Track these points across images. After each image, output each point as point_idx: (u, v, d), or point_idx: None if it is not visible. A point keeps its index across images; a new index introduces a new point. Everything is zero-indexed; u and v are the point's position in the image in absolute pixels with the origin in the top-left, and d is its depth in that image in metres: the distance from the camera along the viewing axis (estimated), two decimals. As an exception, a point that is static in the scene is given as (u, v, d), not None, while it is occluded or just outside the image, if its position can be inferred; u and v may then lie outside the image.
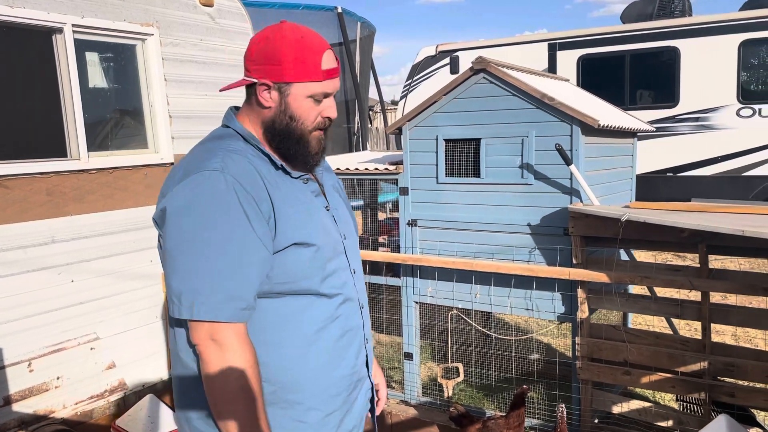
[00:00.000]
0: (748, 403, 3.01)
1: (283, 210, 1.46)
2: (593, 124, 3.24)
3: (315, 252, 1.50)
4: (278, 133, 1.53)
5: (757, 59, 8.70)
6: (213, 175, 1.39)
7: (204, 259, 1.35)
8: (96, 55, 3.48)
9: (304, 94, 1.51)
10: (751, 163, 8.74)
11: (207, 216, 1.37)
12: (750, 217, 2.80)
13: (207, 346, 1.37)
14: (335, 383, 1.57)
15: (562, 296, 3.42)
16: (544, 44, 9.84)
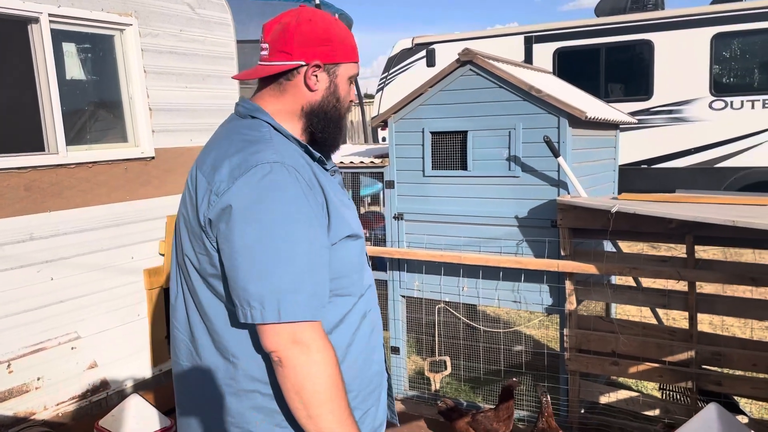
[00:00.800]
0: (735, 391, 3.06)
1: (332, 201, 1.40)
2: (580, 116, 3.25)
3: (361, 243, 1.49)
4: (325, 117, 1.48)
5: (728, 52, 8.84)
6: (276, 167, 1.31)
7: (284, 259, 1.28)
8: (73, 46, 3.38)
9: (346, 75, 1.49)
10: (724, 154, 8.89)
11: (279, 212, 1.28)
12: (737, 207, 2.83)
13: (290, 349, 1.28)
14: (371, 380, 1.54)
15: (550, 288, 3.43)
16: (520, 37, 9.88)
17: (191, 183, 1.45)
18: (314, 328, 1.30)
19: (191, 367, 1.47)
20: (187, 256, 1.43)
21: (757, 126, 8.67)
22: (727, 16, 8.69)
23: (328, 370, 1.30)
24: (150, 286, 3.62)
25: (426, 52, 11.21)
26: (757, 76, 8.73)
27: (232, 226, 1.29)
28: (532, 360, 3.93)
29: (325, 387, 1.29)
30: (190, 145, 3.86)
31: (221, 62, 4.07)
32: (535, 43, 9.71)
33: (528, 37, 9.77)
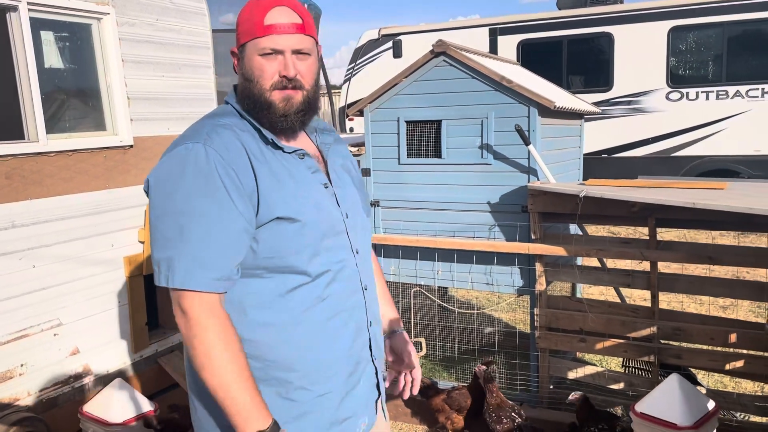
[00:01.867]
0: (693, 364, 3.26)
1: (268, 184, 1.45)
2: (549, 105, 3.40)
3: (301, 227, 1.48)
4: (245, 99, 1.53)
5: (684, 45, 9.17)
6: (195, 147, 1.42)
7: (180, 229, 1.38)
8: (51, 34, 3.38)
9: (253, 53, 1.50)
10: (680, 143, 9.23)
11: (185, 187, 1.39)
12: (694, 191, 3.02)
13: (178, 316, 1.40)
14: (328, 364, 1.55)
15: (521, 270, 3.59)
16: (485, 29, 10.05)
17: None
18: (200, 299, 1.38)
19: None
20: None
21: (711, 116, 9.03)
22: (682, 10, 9.00)
23: (214, 339, 1.37)
24: (130, 273, 3.66)
25: (393, 43, 11.31)
26: (711, 69, 9.07)
27: (149, 197, 1.46)
28: (503, 340, 4.10)
29: (212, 352, 1.36)
30: (167, 133, 3.89)
31: (197, 51, 4.11)
32: (500, 35, 9.90)
33: (493, 29, 9.95)
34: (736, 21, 8.77)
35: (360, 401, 1.64)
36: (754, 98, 8.75)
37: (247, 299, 1.47)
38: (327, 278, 1.54)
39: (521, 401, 3.66)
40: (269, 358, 1.49)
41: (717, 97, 8.94)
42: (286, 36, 1.48)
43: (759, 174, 8.89)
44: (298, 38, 1.50)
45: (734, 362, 3.07)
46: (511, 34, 9.84)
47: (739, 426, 3.13)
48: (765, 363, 2.98)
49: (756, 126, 8.77)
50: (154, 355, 3.86)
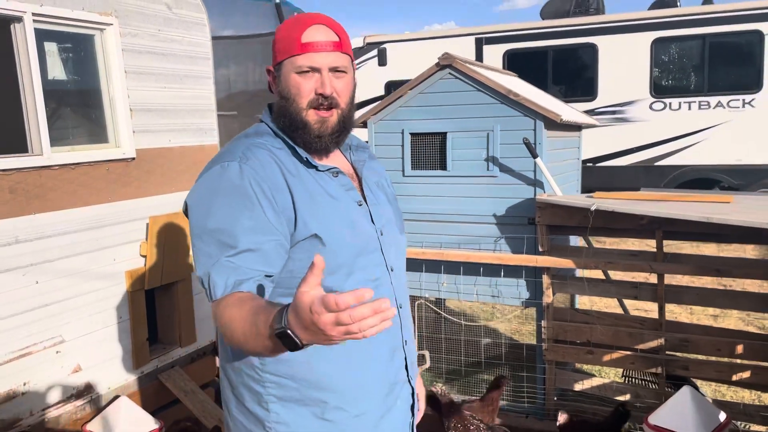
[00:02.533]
0: (700, 375, 3.30)
1: (304, 201, 1.45)
2: (556, 119, 3.43)
3: (336, 246, 1.48)
4: (281, 118, 1.53)
5: (667, 56, 9.33)
6: (231, 165, 1.43)
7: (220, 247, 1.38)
8: (55, 45, 3.32)
9: (290, 71, 1.49)
10: (663, 153, 9.38)
11: (221, 204, 1.40)
12: (702, 205, 3.06)
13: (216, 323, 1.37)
14: (364, 384, 1.54)
15: (527, 282, 3.60)
16: (471, 38, 10.12)
17: None
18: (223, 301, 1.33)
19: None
20: None
21: (693, 126, 9.19)
22: (665, 22, 9.16)
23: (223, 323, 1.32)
24: (132, 288, 3.59)
25: (377, 51, 11.33)
26: (693, 79, 9.24)
27: (189, 217, 1.47)
28: (508, 352, 4.11)
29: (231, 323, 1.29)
30: (169, 145, 3.84)
31: (198, 62, 4.06)
32: (486, 44, 9.98)
33: (479, 38, 10.03)
34: (716, 33, 8.95)
35: (397, 423, 1.62)
36: (735, 109, 8.93)
37: None
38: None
39: (527, 414, 3.67)
40: (306, 378, 1.47)
41: (699, 107, 9.10)
42: (323, 54, 1.48)
43: (740, 183, 9.07)
44: (335, 56, 1.50)
45: (740, 373, 3.11)
46: (497, 43, 9.92)
47: (746, 436, 3.17)
48: (772, 374, 3.03)
49: (737, 136, 8.94)
50: (154, 371, 3.79)
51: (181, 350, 3.98)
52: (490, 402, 3.28)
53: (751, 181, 9.07)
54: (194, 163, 4.03)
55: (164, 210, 3.78)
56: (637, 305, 5.60)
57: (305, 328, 1.05)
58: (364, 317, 1.00)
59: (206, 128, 4.14)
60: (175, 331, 3.95)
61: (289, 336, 1.08)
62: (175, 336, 3.96)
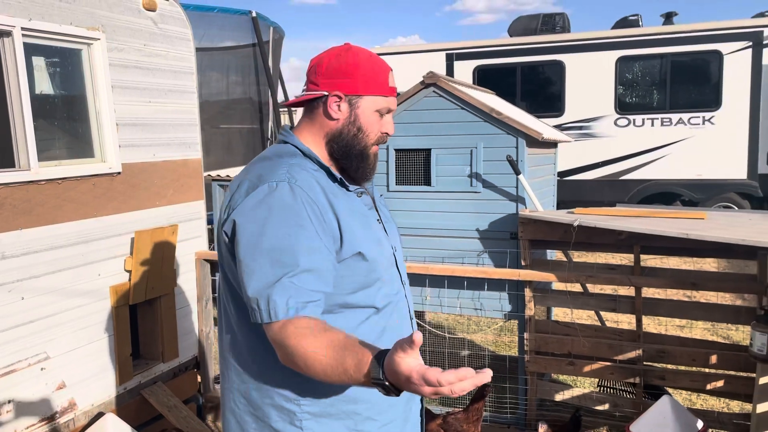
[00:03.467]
0: (676, 384, 3.43)
1: (346, 220, 1.52)
2: (537, 137, 3.54)
3: (372, 262, 1.56)
4: (344, 145, 1.59)
5: (631, 74, 9.65)
6: (281, 185, 1.46)
7: (280, 266, 1.39)
8: (42, 60, 3.30)
9: (372, 108, 1.59)
10: (627, 168, 9.67)
11: (276, 223, 1.42)
12: (678, 221, 3.20)
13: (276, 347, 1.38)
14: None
15: (509, 296, 3.70)
16: (442, 54, 10.30)
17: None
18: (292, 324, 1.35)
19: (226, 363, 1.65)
20: (220, 261, 1.59)
21: (656, 142, 9.51)
22: (629, 41, 9.48)
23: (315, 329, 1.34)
24: (116, 303, 3.57)
25: (349, 65, 11.41)
26: (655, 97, 9.57)
27: (237, 237, 1.45)
28: (490, 364, 4.19)
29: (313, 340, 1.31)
30: (153, 159, 3.84)
31: (182, 77, 4.07)
32: (456, 60, 10.16)
33: (450, 53, 10.21)
34: (678, 52, 9.30)
35: (415, 428, 1.73)
36: (695, 125, 9.27)
37: None
38: (389, 310, 1.62)
39: (509, 424, 3.75)
40: (339, 391, 1.52)
41: (662, 123, 9.43)
42: (396, 100, 1.67)
43: (700, 197, 9.40)
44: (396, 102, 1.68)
45: (714, 382, 3.25)
46: (467, 59, 10.12)
47: (720, 443, 3.30)
48: (744, 382, 3.17)
49: (698, 152, 9.28)
50: (137, 387, 3.77)
51: (163, 365, 3.95)
52: (475, 412, 3.35)
53: (710, 195, 9.42)
54: (178, 178, 4.03)
55: (149, 224, 3.77)
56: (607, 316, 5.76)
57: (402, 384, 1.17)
58: (464, 390, 1.12)
59: (190, 142, 4.15)
60: (158, 346, 3.93)
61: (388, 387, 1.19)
62: (158, 351, 3.94)
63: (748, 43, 8.96)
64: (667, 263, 6.11)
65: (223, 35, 7.05)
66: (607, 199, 9.73)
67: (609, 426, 3.63)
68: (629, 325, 5.22)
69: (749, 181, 9.17)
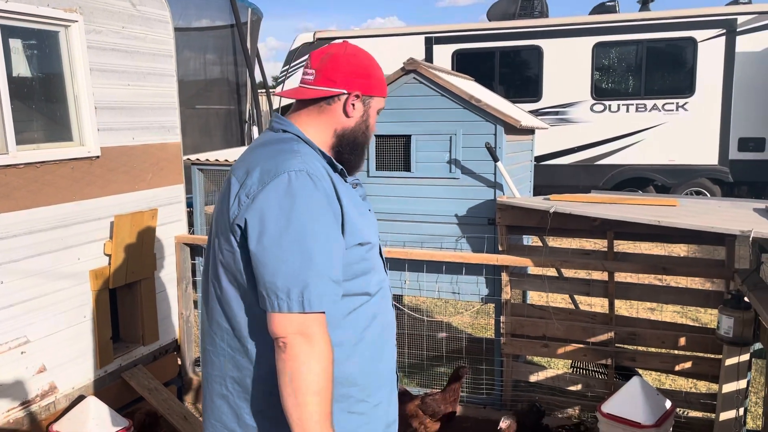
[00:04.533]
0: (647, 366, 3.55)
1: (349, 210, 1.56)
2: (516, 124, 3.60)
3: (368, 250, 1.62)
4: (355, 142, 1.67)
5: (607, 60, 9.75)
6: (300, 175, 1.48)
7: (308, 256, 1.43)
8: (19, 42, 3.25)
9: (377, 108, 1.70)
10: (602, 153, 9.80)
11: (304, 213, 1.44)
12: (651, 208, 3.29)
13: (296, 338, 1.42)
14: (379, 376, 1.67)
15: (486, 280, 3.77)
16: (421, 37, 10.29)
17: (225, 188, 1.60)
18: (321, 321, 1.45)
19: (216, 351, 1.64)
20: (218, 251, 1.59)
21: (630, 127, 9.65)
22: (606, 27, 9.56)
23: (323, 363, 1.43)
24: (96, 287, 3.57)
25: (327, 48, 11.35)
26: (631, 83, 9.69)
27: (261, 226, 1.45)
28: (467, 346, 4.28)
29: (318, 378, 1.42)
30: (132, 143, 3.82)
31: (161, 60, 4.05)
32: (435, 44, 10.16)
33: (429, 37, 10.20)
34: (653, 39, 9.41)
35: (396, 408, 1.79)
36: (669, 111, 9.42)
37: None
38: (379, 296, 1.68)
39: (484, 404, 3.84)
40: (335, 376, 1.53)
41: (636, 109, 9.56)
42: None
43: (673, 182, 9.58)
44: None
45: (683, 363, 3.37)
46: (446, 43, 10.12)
47: (687, 422, 3.43)
48: (711, 364, 3.29)
49: (671, 137, 9.44)
50: (117, 370, 3.78)
51: (144, 348, 3.97)
52: (452, 393, 3.43)
53: (683, 180, 9.60)
54: (157, 161, 4.02)
55: (128, 208, 3.77)
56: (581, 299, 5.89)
57: None
58: None
59: (169, 126, 4.14)
60: (138, 329, 3.95)
61: None
62: (138, 334, 3.95)
63: (722, 30, 9.10)
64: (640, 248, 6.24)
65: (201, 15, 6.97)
66: (582, 183, 9.86)
67: (581, 406, 3.74)
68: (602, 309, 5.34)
69: (720, 166, 9.36)
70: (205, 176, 4.18)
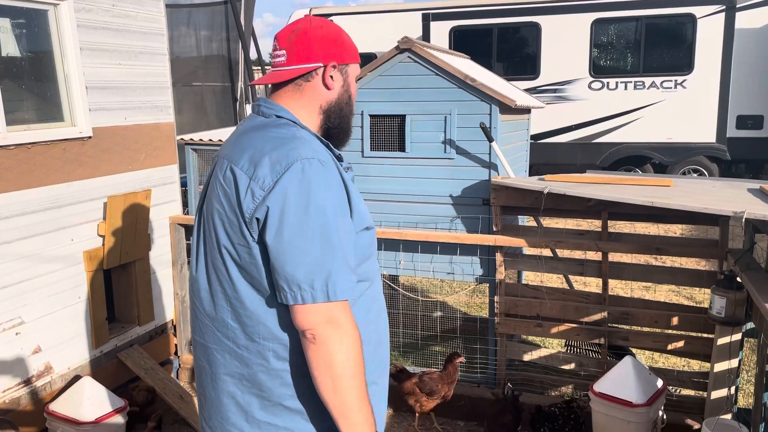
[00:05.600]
0: (639, 345, 3.57)
1: (353, 195, 1.53)
2: (510, 104, 3.57)
3: (372, 235, 1.62)
4: (341, 113, 1.63)
5: (606, 37, 9.66)
6: (312, 163, 1.43)
7: (330, 246, 1.41)
8: (8, 21, 3.21)
9: (354, 75, 1.65)
10: (601, 131, 9.76)
11: (322, 202, 1.42)
12: (647, 189, 3.28)
13: (325, 327, 1.40)
14: (385, 359, 1.70)
15: (481, 260, 3.77)
16: (418, 14, 10.18)
17: (224, 179, 1.51)
18: (346, 308, 1.44)
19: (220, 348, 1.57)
20: (225, 246, 1.51)
21: (628, 105, 9.59)
22: (605, 3, 9.46)
23: (356, 348, 1.43)
24: (90, 268, 3.57)
25: (324, 24, 11.23)
26: (629, 60, 9.62)
27: (281, 218, 1.40)
28: (461, 325, 4.30)
29: (353, 363, 1.42)
30: (125, 123, 3.80)
31: (153, 38, 4.00)
32: (433, 20, 10.05)
33: (426, 14, 10.09)
34: (652, 15, 9.31)
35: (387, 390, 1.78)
36: (668, 89, 9.36)
37: None
38: (378, 281, 1.68)
39: (479, 383, 3.87)
40: None
41: (635, 87, 9.50)
42: None
43: (670, 160, 9.56)
44: None
45: (675, 343, 3.39)
46: (443, 20, 10.02)
47: (679, 400, 3.46)
48: (703, 343, 3.31)
49: (669, 115, 9.40)
50: (113, 350, 3.80)
51: (139, 329, 3.99)
52: (449, 374, 3.45)
53: (680, 158, 9.58)
54: (150, 141, 4.00)
55: (122, 189, 3.75)
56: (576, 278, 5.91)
57: None
58: None
59: (161, 105, 4.10)
60: (133, 309, 3.96)
61: None
62: (134, 315, 3.96)
63: (722, 6, 9.00)
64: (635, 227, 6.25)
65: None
66: (579, 162, 9.84)
67: (575, 384, 3.77)
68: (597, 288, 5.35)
69: (718, 144, 9.34)
70: (199, 156, 4.16)
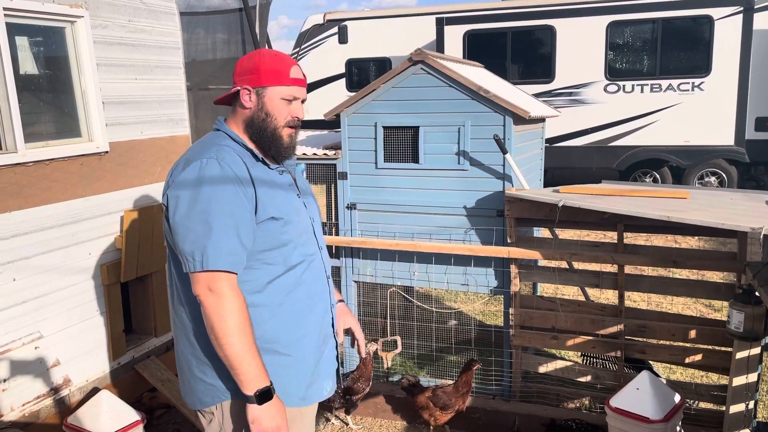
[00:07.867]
0: (656, 358, 3.54)
1: (263, 191, 1.86)
2: (524, 115, 3.56)
3: (284, 225, 1.90)
4: (256, 128, 1.93)
5: (621, 39, 9.58)
6: (210, 161, 1.81)
7: (207, 225, 1.75)
8: (26, 39, 3.25)
9: (277, 96, 1.93)
10: (616, 134, 9.69)
11: (206, 192, 1.77)
12: (663, 201, 3.25)
13: (207, 294, 1.75)
14: (304, 336, 1.98)
15: (495, 272, 3.76)
16: (432, 18, 10.17)
17: None
18: (227, 279, 1.76)
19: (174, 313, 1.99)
20: (165, 231, 1.91)
21: (645, 108, 9.51)
22: (620, 6, 9.39)
23: (234, 315, 1.75)
24: (108, 281, 3.61)
25: (338, 29, 11.27)
26: (646, 63, 9.53)
27: (176, 204, 1.79)
28: (477, 336, 4.29)
29: (231, 324, 1.74)
30: (141, 137, 3.83)
31: (168, 52, 4.04)
32: (447, 24, 10.04)
33: (440, 18, 10.08)
34: (669, 17, 9.23)
35: (326, 368, 2.09)
36: (685, 92, 9.27)
37: (243, 286, 1.83)
38: (302, 267, 1.97)
39: (494, 395, 3.86)
40: (259, 333, 1.86)
41: (651, 90, 9.42)
42: (303, 89, 2.01)
43: (688, 164, 9.46)
44: (305, 92, 2.04)
45: (693, 356, 3.35)
46: (457, 24, 10.00)
47: (697, 413, 3.42)
48: (721, 356, 3.27)
49: (686, 118, 9.30)
50: (131, 362, 3.84)
51: (156, 340, 4.02)
52: (463, 385, 3.43)
53: (698, 161, 9.48)
54: (166, 155, 4.03)
55: (138, 203, 3.79)
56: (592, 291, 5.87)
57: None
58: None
59: (177, 119, 4.14)
60: (150, 321, 3.99)
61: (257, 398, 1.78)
62: (150, 326, 4.00)
63: (739, 8, 8.90)
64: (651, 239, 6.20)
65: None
66: (595, 165, 9.78)
67: (591, 397, 3.75)
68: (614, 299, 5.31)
69: (736, 147, 9.23)
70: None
